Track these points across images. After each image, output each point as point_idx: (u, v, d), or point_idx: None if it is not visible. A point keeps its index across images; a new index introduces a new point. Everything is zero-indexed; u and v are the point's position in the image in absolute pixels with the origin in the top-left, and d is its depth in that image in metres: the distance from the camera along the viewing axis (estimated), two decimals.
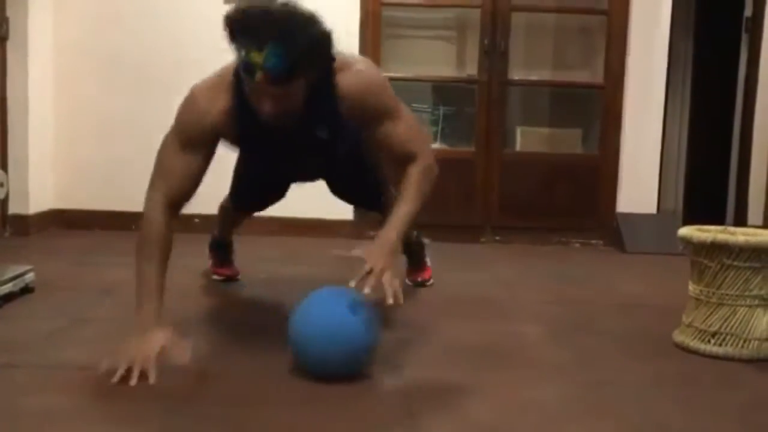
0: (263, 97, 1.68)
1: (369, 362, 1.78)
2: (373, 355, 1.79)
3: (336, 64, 1.82)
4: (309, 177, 2.42)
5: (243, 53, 1.64)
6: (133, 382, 1.63)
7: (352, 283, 1.71)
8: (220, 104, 1.84)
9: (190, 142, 1.85)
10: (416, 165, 1.94)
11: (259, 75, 1.62)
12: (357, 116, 1.91)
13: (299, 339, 1.73)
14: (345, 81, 1.83)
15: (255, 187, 2.48)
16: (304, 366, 1.75)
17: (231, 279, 2.77)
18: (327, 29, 1.70)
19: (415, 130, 1.99)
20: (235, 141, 2.00)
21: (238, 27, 1.66)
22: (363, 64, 1.95)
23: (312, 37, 1.65)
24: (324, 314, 1.73)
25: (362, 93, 1.86)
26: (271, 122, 1.73)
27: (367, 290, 1.70)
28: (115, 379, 1.64)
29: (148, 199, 1.86)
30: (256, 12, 1.65)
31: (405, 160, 1.94)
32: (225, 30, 1.68)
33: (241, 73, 1.68)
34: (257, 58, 1.61)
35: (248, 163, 2.35)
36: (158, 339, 1.70)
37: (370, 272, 1.73)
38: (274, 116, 1.71)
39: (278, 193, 2.52)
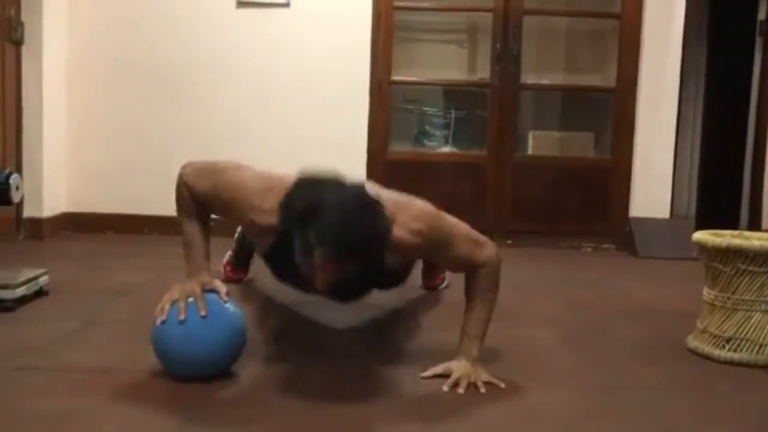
0: (316, 269, 1.58)
1: (235, 358, 1.77)
2: (238, 352, 1.78)
3: (387, 215, 1.67)
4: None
5: (299, 243, 1.55)
6: (182, 316, 1.67)
7: (445, 388, 1.74)
8: (269, 219, 1.71)
9: (233, 216, 1.84)
10: (479, 273, 1.86)
11: (317, 258, 1.53)
12: (411, 255, 1.93)
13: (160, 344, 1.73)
14: (397, 235, 1.71)
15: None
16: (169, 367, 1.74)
17: (234, 282, 2.76)
18: (386, 223, 1.63)
19: (472, 243, 1.87)
20: (264, 257, 1.96)
21: (304, 221, 1.54)
22: (413, 206, 1.81)
23: (372, 233, 1.57)
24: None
25: (414, 247, 1.78)
26: (320, 288, 1.66)
27: (461, 390, 1.73)
28: (162, 317, 1.69)
29: (184, 174, 1.87)
30: (328, 218, 1.53)
31: (470, 272, 1.88)
32: (285, 212, 1.59)
33: (297, 253, 1.58)
34: (318, 253, 1.52)
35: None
36: (201, 280, 1.77)
37: (457, 383, 1.75)
38: (326, 287, 1.63)
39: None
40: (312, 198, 1.55)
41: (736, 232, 2.16)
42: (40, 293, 2.42)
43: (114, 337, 2.08)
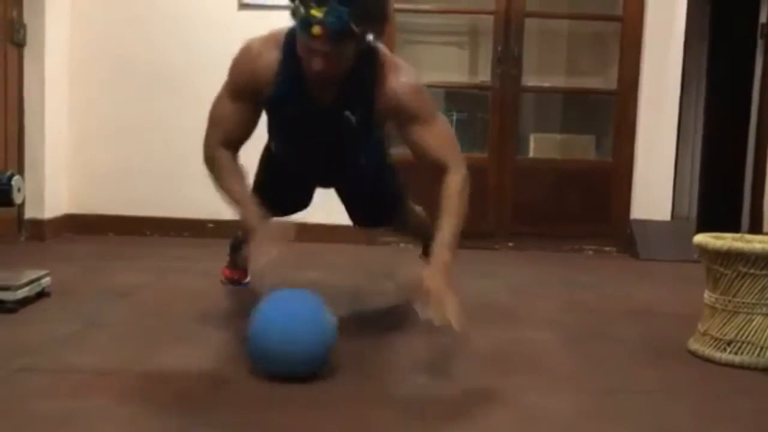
0: (315, 53, 1.79)
1: (324, 362, 1.79)
2: (329, 355, 1.80)
3: (384, 59, 1.95)
4: (330, 178, 2.42)
5: (302, 10, 1.74)
6: (274, 252, 1.83)
7: (417, 308, 1.76)
8: (269, 56, 1.98)
9: (238, 92, 2.02)
10: (453, 175, 1.97)
11: (316, 29, 1.72)
12: (391, 112, 1.99)
13: (260, 339, 1.74)
14: (388, 76, 1.94)
15: (277, 186, 2.47)
16: (263, 365, 1.76)
17: (238, 283, 2.77)
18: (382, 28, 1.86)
19: (449, 138, 2.05)
20: (270, 101, 2.07)
21: None
22: (408, 69, 2.03)
23: (372, 1, 1.78)
24: (283, 315, 1.75)
25: (401, 92, 1.94)
26: (316, 81, 1.87)
27: (431, 315, 1.71)
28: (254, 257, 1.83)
29: (207, 146, 2.06)
30: None
31: (438, 166, 1.99)
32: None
33: (298, 29, 1.79)
34: (317, 13, 1.71)
35: (271, 159, 2.37)
36: (271, 226, 1.95)
37: (430, 295, 1.75)
38: (321, 74, 1.83)
39: (300, 195, 2.52)
40: None
41: (737, 235, 2.16)
42: (42, 295, 2.43)
43: (116, 339, 2.08)
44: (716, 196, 4.97)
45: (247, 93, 2.03)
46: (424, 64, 4.40)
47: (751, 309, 1.99)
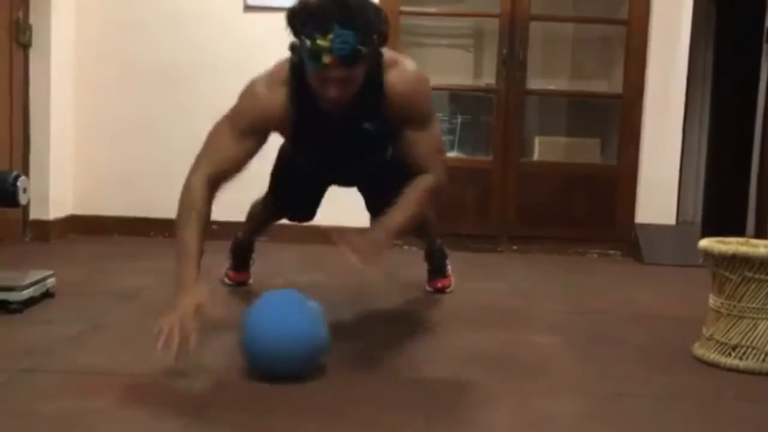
0: (329, 81, 1.79)
1: (319, 358, 1.80)
2: (323, 352, 1.80)
3: (384, 60, 1.94)
4: (353, 179, 2.43)
5: (308, 42, 1.74)
6: (175, 345, 1.65)
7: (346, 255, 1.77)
8: (278, 97, 1.96)
9: (244, 129, 1.97)
10: (426, 178, 2.00)
11: (327, 59, 1.72)
12: (396, 114, 1.99)
13: (252, 340, 1.75)
14: (393, 78, 1.94)
15: (294, 186, 2.47)
16: (255, 366, 1.76)
17: (241, 284, 2.77)
18: (382, 11, 1.83)
19: (437, 147, 2.07)
20: (288, 132, 2.09)
21: (301, 18, 1.76)
22: (411, 65, 2.03)
23: (372, 17, 1.77)
24: (275, 315, 1.76)
25: (407, 93, 1.95)
26: (332, 108, 1.86)
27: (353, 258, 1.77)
28: (159, 346, 1.66)
29: (192, 171, 1.96)
30: (315, 1, 1.75)
31: (419, 168, 2.01)
32: (288, 24, 1.80)
33: (307, 61, 1.78)
34: (323, 42, 1.71)
35: (293, 160, 2.35)
36: (194, 296, 1.77)
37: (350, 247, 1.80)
38: (338, 100, 1.83)
39: (316, 196, 2.52)
40: (304, 2, 1.77)
41: (742, 240, 2.16)
42: (46, 295, 2.43)
43: (120, 340, 2.08)
44: (721, 200, 4.96)
45: (254, 131, 1.98)
46: (429, 67, 4.36)
47: (756, 314, 1.98)
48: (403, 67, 1.99)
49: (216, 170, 1.95)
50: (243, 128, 1.96)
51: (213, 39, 3.86)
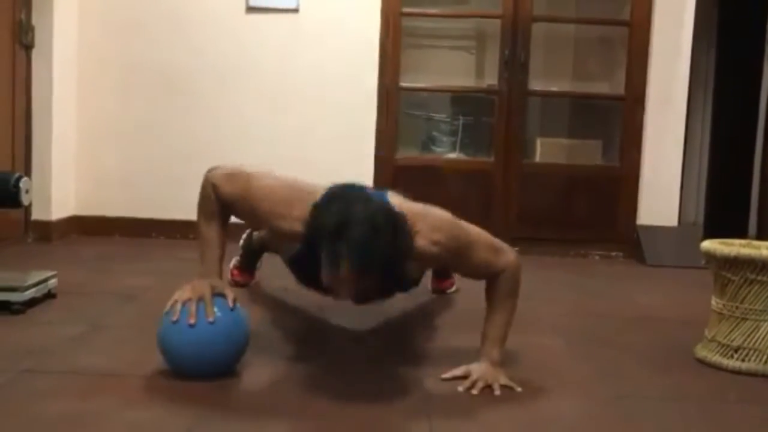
0: (341, 284, 1.64)
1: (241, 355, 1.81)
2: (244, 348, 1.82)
3: (408, 229, 1.71)
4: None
5: (333, 258, 1.59)
6: (192, 320, 1.71)
7: (460, 388, 1.78)
8: (292, 226, 1.75)
9: (261, 221, 1.93)
10: (499, 282, 1.90)
11: (343, 269, 1.58)
12: (427, 265, 1.99)
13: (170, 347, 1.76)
14: (419, 246, 1.74)
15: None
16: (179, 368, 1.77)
17: (242, 286, 2.78)
18: (409, 239, 1.68)
19: (492, 250, 1.92)
20: (291, 265, 2.11)
21: (332, 236, 1.58)
22: (431, 224, 1.81)
23: (397, 250, 1.62)
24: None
25: (435, 256, 1.82)
26: (342, 299, 1.78)
27: (475, 391, 1.76)
28: (175, 317, 1.71)
29: (213, 175, 1.89)
30: (333, 232, 1.58)
31: (494, 276, 1.91)
32: (317, 232, 1.62)
33: (324, 265, 1.61)
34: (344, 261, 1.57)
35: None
36: (213, 283, 1.80)
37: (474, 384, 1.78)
38: (349, 298, 1.75)
39: None
40: (340, 214, 1.58)
41: (744, 242, 2.15)
42: (48, 296, 2.43)
43: (122, 340, 2.09)
44: (723, 202, 4.95)
45: (257, 220, 1.95)
46: (431, 68, 4.40)
47: (759, 316, 1.98)
48: (426, 226, 1.77)
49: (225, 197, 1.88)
50: (253, 208, 1.84)
51: (215, 40, 3.86)
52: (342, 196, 1.67)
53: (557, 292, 3.04)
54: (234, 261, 2.82)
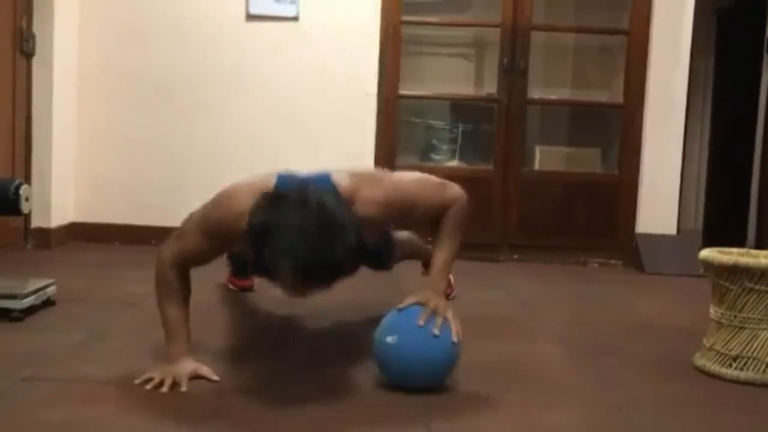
0: (287, 284, 1.63)
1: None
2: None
3: (346, 195, 1.73)
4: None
5: (271, 262, 1.56)
6: (165, 389, 1.71)
7: (421, 322, 1.79)
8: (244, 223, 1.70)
9: (213, 236, 1.80)
10: (447, 215, 1.92)
11: (285, 274, 1.57)
12: (376, 228, 1.94)
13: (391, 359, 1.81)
14: (362, 213, 1.75)
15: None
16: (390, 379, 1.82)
17: (246, 290, 2.80)
18: (346, 219, 1.61)
19: (438, 188, 1.92)
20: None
21: (270, 237, 1.55)
22: (371, 186, 1.83)
23: (332, 255, 1.56)
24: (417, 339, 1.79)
25: (383, 217, 1.83)
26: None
27: (436, 331, 1.78)
28: (149, 386, 1.72)
29: (164, 249, 1.84)
30: (287, 224, 1.54)
31: (444, 212, 1.92)
32: (253, 232, 1.59)
33: (268, 263, 1.58)
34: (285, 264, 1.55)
35: None
36: (189, 365, 1.80)
37: (433, 312, 1.81)
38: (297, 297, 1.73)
39: None
40: (272, 218, 1.54)
41: (743, 250, 2.16)
42: (47, 303, 2.43)
43: (121, 348, 2.08)
44: (722, 211, 4.96)
45: (221, 239, 1.80)
46: (430, 76, 4.41)
47: (757, 324, 1.98)
48: (366, 190, 1.79)
49: (182, 260, 1.83)
50: (209, 234, 1.79)
51: (215, 48, 3.88)
52: (278, 196, 1.59)
53: (556, 300, 3.04)
54: (228, 271, 2.84)
